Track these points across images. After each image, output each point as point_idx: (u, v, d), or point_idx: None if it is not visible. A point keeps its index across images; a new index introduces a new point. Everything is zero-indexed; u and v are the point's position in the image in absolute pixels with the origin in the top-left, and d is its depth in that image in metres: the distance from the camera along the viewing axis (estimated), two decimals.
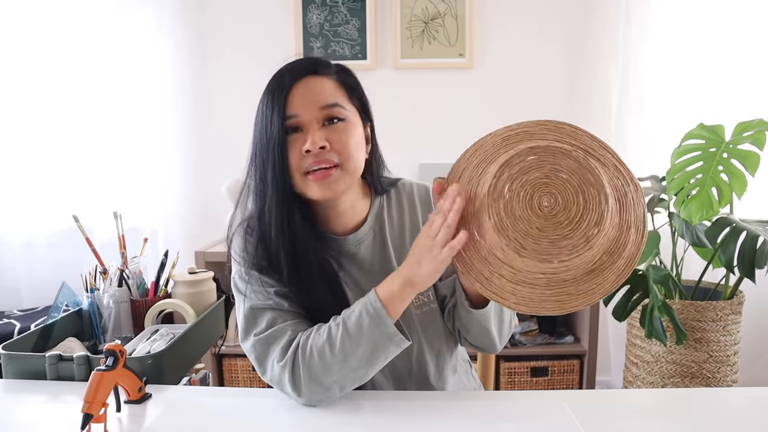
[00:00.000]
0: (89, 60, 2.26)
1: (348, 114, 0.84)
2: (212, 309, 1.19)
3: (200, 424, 0.78)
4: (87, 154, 2.29)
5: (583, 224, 0.65)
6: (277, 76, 0.85)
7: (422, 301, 0.93)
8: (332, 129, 0.82)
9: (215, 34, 2.37)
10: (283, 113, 0.81)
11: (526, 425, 0.76)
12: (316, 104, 0.81)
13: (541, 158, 0.68)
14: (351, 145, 0.82)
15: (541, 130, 0.73)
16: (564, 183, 0.67)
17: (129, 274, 1.19)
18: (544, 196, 0.67)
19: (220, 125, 2.41)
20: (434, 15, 2.30)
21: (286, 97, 0.81)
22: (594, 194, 0.66)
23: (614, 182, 0.70)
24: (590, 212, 0.66)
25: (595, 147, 0.72)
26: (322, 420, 0.78)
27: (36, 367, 0.91)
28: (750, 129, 1.60)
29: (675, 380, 1.73)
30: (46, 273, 2.31)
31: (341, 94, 0.85)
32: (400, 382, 0.95)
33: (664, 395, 0.98)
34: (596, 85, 2.29)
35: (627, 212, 0.69)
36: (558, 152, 0.68)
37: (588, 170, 0.67)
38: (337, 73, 0.87)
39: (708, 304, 1.69)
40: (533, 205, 0.67)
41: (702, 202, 1.58)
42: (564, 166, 0.67)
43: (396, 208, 0.96)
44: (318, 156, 0.80)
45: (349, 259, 0.91)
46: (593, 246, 0.65)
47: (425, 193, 0.98)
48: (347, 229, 0.92)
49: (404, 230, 0.95)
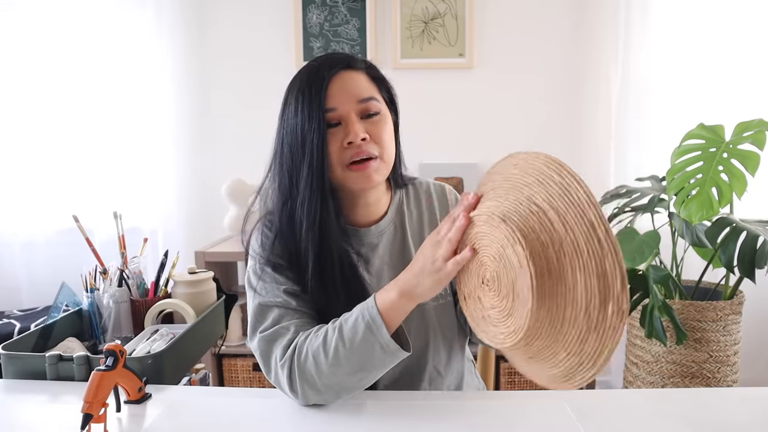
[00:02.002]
0: (89, 60, 2.26)
1: (381, 107, 0.86)
2: (212, 309, 1.19)
3: (200, 424, 0.78)
4: (87, 154, 2.30)
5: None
6: (311, 70, 0.85)
7: (439, 294, 0.92)
8: (370, 122, 0.84)
9: (215, 34, 2.38)
10: (322, 106, 0.81)
11: (526, 425, 0.76)
12: (354, 98, 0.83)
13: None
14: (387, 137, 0.86)
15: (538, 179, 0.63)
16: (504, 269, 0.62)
17: (129, 274, 1.19)
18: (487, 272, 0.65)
19: (221, 125, 2.41)
20: (434, 15, 2.30)
21: (326, 90, 0.82)
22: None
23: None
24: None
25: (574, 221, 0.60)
26: (322, 420, 0.78)
27: (36, 367, 0.91)
28: (750, 129, 1.60)
29: (675, 380, 1.73)
30: (46, 273, 2.31)
31: (374, 88, 0.87)
32: (412, 372, 0.95)
33: (664, 395, 0.98)
34: (596, 85, 2.29)
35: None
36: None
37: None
38: (366, 68, 0.89)
39: (708, 304, 1.69)
40: (482, 274, 0.66)
41: (702, 202, 1.58)
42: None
43: (414, 203, 0.99)
44: (360, 148, 0.82)
45: (371, 250, 0.93)
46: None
47: (441, 192, 1.01)
48: (369, 221, 0.94)
49: (423, 223, 0.98)
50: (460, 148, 2.35)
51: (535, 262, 0.58)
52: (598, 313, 0.56)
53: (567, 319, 0.58)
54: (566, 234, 0.57)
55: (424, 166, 2.31)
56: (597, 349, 0.57)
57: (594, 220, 0.56)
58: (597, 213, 0.56)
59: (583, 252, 0.56)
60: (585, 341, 0.57)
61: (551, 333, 0.60)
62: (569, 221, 0.57)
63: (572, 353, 0.59)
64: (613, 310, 0.55)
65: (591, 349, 0.57)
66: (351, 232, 0.92)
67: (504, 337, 0.63)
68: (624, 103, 2.18)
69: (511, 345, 0.62)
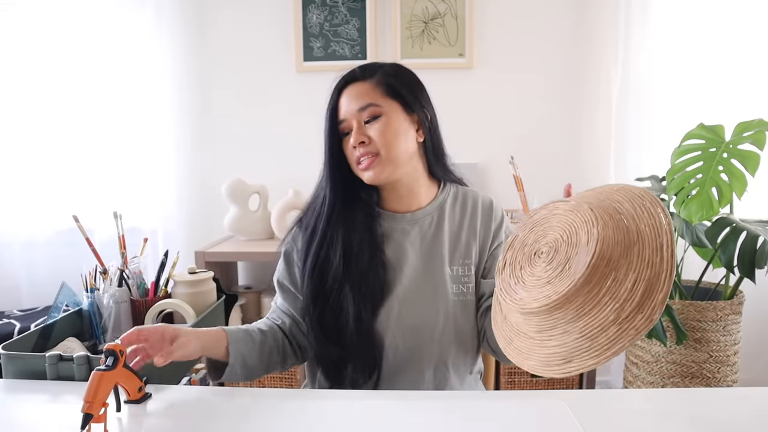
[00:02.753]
0: (89, 60, 2.26)
1: (383, 109, 0.96)
2: (212, 309, 1.19)
3: (200, 424, 0.78)
4: (87, 154, 2.30)
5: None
6: (332, 87, 1.01)
7: (461, 291, 1.01)
8: (370, 126, 0.96)
9: (215, 34, 2.38)
10: (335, 121, 0.99)
11: (526, 425, 0.76)
12: (354, 107, 0.97)
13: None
14: (388, 135, 0.96)
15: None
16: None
17: (129, 274, 1.19)
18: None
19: (221, 125, 2.41)
20: (434, 15, 2.30)
21: (334, 107, 0.99)
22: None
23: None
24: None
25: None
26: (322, 419, 0.78)
27: (36, 367, 0.91)
28: (750, 129, 1.60)
29: (675, 380, 1.73)
30: (46, 273, 2.31)
31: (378, 93, 0.97)
32: (419, 356, 0.99)
33: (664, 395, 0.98)
34: (596, 85, 2.29)
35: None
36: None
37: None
38: (379, 74, 0.99)
39: (708, 304, 1.69)
40: (537, 248, 0.74)
41: (702, 202, 1.58)
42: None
43: (460, 207, 1.06)
44: (361, 149, 0.96)
45: (402, 234, 1.02)
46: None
47: (489, 206, 1.08)
48: (407, 209, 1.04)
49: (462, 229, 1.04)
50: (460, 148, 2.32)
51: (602, 247, 0.64)
52: (630, 312, 0.61)
53: (601, 304, 0.63)
54: (636, 241, 0.65)
55: None
56: (611, 342, 0.61)
57: (665, 243, 0.64)
58: (670, 239, 0.64)
59: (644, 259, 0.63)
60: (605, 330, 0.62)
61: (579, 312, 0.64)
62: (643, 233, 0.65)
63: (586, 337, 0.63)
64: (644, 315, 0.60)
65: (606, 339, 0.62)
66: (387, 216, 1.03)
67: (533, 300, 0.68)
68: (624, 103, 2.18)
69: (537, 307, 0.67)
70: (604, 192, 0.74)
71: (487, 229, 1.05)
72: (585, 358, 0.63)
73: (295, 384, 2.14)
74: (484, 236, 1.05)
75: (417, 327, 0.98)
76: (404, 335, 0.98)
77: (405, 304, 0.99)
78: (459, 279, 1.01)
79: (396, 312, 0.98)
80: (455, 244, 1.03)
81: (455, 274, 1.01)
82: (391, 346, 0.98)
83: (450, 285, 1.00)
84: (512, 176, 2.04)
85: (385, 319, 0.98)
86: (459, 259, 1.02)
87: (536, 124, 2.35)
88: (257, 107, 2.40)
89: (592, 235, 0.65)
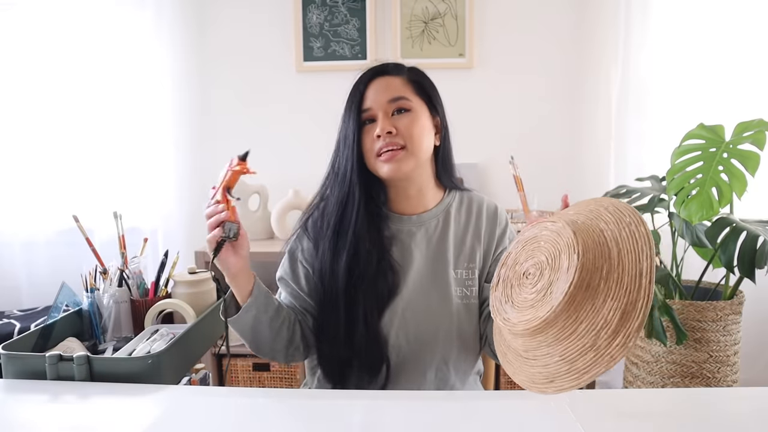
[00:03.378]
0: (89, 60, 2.26)
1: (413, 105, 0.97)
2: (212, 309, 1.19)
3: (200, 424, 0.78)
4: (87, 154, 2.29)
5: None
6: (356, 79, 1.01)
7: (465, 294, 1.02)
8: (399, 118, 0.96)
9: (215, 33, 2.38)
10: (359, 108, 0.97)
11: (526, 425, 0.76)
12: (385, 98, 0.96)
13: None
14: (415, 130, 0.96)
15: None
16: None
17: (129, 274, 1.19)
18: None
19: (221, 124, 2.41)
20: (434, 15, 2.30)
21: (361, 95, 0.97)
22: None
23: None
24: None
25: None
26: (322, 419, 0.78)
27: (36, 367, 0.91)
28: (750, 129, 1.60)
29: (675, 380, 1.73)
30: (46, 273, 2.31)
31: (408, 89, 0.99)
32: (421, 358, 1.00)
33: (664, 395, 0.98)
34: (596, 85, 2.29)
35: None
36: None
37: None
38: (407, 72, 1.01)
39: (708, 304, 1.68)
40: (526, 269, 0.75)
41: (702, 202, 1.58)
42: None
43: (465, 211, 1.07)
44: (387, 140, 0.94)
45: (408, 236, 1.02)
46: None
47: (494, 211, 1.08)
48: (413, 212, 1.04)
49: (467, 233, 1.05)
50: (460, 148, 2.32)
51: (581, 275, 0.65)
52: (606, 339, 0.62)
53: (578, 331, 0.65)
54: (617, 267, 0.65)
55: None
56: (588, 367, 0.63)
57: (645, 270, 0.64)
58: (650, 266, 0.64)
59: (622, 287, 0.64)
60: (583, 355, 0.64)
61: (558, 336, 0.66)
62: (624, 259, 0.66)
63: (566, 360, 0.65)
64: (619, 342, 0.61)
65: (583, 364, 0.63)
66: (393, 218, 1.03)
67: (518, 322, 0.70)
68: (624, 103, 2.18)
69: (521, 330, 0.69)
70: (595, 210, 0.74)
71: (491, 235, 1.06)
72: (565, 379, 0.64)
73: (295, 384, 2.15)
74: (488, 241, 1.05)
75: (421, 328, 0.99)
76: (408, 336, 0.99)
77: (410, 305, 0.99)
78: (463, 282, 1.02)
79: (401, 313, 0.99)
80: (460, 247, 1.03)
81: (459, 277, 1.02)
82: (395, 347, 0.98)
83: (454, 288, 1.01)
84: (512, 176, 2.04)
85: (389, 320, 0.98)
86: (464, 263, 1.02)
87: (536, 124, 2.35)
88: (257, 107, 2.40)
89: (572, 262, 0.66)
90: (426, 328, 0.99)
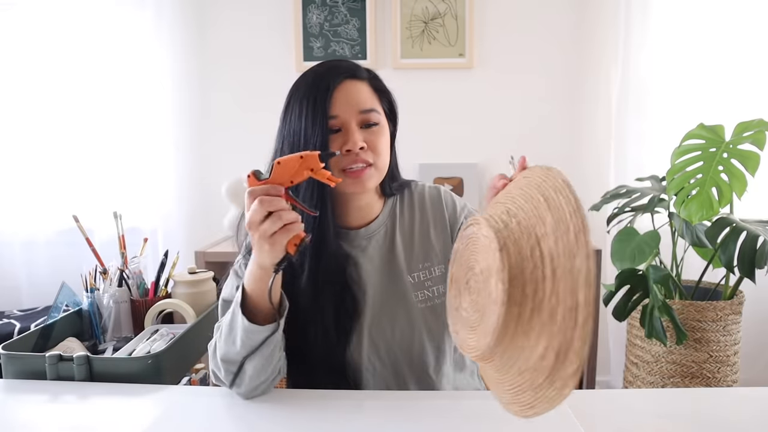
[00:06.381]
0: (89, 60, 2.26)
1: (381, 118, 0.90)
2: (212, 309, 1.19)
3: (200, 424, 0.78)
4: (87, 154, 2.30)
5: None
6: (316, 76, 0.89)
7: (427, 296, 0.97)
8: (369, 132, 0.88)
9: (215, 34, 2.38)
10: (326, 113, 0.85)
11: (526, 425, 0.76)
12: (356, 107, 0.87)
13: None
14: (383, 146, 0.90)
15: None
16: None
17: (129, 274, 1.19)
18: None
19: (220, 125, 2.41)
20: (434, 15, 2.30)
21: (330, 98, 0.86)
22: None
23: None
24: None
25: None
26: (322, 420, 0.78)
27: (36, 367, 0.91)
28: (750, 129, 1.60)
29: (675, 380, 1.73)
30: (46, 273, 2.31)
31: (375, 99, 0.91)
32: (399, 372, 0.96)
33: (664, 395, 0.98)
34: (596, 85, 2.29)
35: None
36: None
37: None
38: (369, 78, 0.92)
39: (708, 304, 1.69)
40: (468, 276, 0.66)
41: (702, 202, 1.58)
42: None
43: (408, 209, 1.01)
44: (357, 156, 0.86)
45: (360, 251, 0.96)
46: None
47: (436, 195, 1.03)
48: (360, 224, 0.97)
49: (414, 227, 1.00)
50: (460, 148, 2.34)
51: (508, 309, 0.55)
52: (542, 382, 0.54)
53: (515, 368, 0.58)
54: (550, 296, 0.54)
55: (424, 166, 2.31)
56: (529, 404, 0.56)
57: (581, 302, 0.51)
58: (586, 297, 0.51)
59: (556, 322, 0.53)
60: (523, 393, 0.57)
61: (501, 369, 0.60)
62: (559, 284, 0.53)
63: (513, 392, 0.59)
64: (554, 388, 0.53)
65: (526, 400, 0.57)
66: (342, 234, 0.95)
67: (463, 344, 0.64)
68: (624, 103, 2.18)
69: (468, 354, 0.63)
70: (537, 202, 0.60)
71: (442, 221, 1.00)
72: (516, 409, 0.58)
73: None
74: (442, 228, 1.00)
75: (390, 345, 0.94)
76: (380, 355, 0.95)
77: (374, 324, 0.95)
78: (422, 284, 0.97)
79: (367, 335, 0.94)
80: (410, 250, 0.98)
81: (417, 280, 0.97)
82: (369, 369, 0.94)
83: (413, 294, 0.96)
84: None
85: (357, 343, 0.94)
86: (417, 264, 0.97)
87: (536, 124, 2.35)
88: (257, 107, 2.40)
89: (499, 293, 0.55)
90: (395, 344, 0.94)
